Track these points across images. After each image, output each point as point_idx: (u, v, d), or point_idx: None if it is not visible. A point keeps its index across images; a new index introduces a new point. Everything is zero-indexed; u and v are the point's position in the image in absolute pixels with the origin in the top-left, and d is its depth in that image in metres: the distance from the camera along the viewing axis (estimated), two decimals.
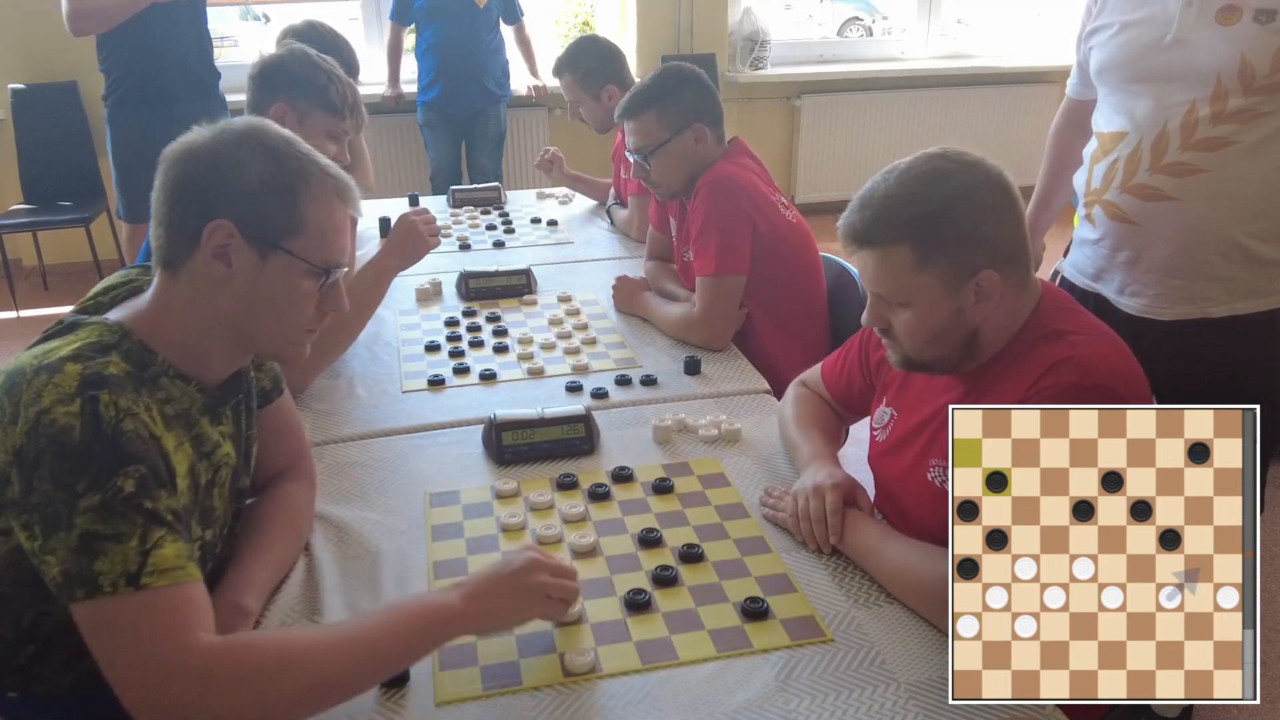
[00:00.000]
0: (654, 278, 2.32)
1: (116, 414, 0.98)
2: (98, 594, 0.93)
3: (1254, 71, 1.55)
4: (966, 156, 1.24)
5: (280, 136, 1.14)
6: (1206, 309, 1.67)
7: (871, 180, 1.26)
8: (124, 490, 0.96)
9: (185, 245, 1.10)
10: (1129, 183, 1.69)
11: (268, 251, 1.11)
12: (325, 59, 1.94)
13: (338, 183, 1.16)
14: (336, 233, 1.16)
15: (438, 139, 4.43)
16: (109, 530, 0.95)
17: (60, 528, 0.94)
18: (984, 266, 1.20)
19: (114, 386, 1.00)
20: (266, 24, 5.83)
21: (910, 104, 5.39)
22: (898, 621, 1.21)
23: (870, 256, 1.24)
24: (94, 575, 0.94)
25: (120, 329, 1.09)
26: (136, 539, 0.95)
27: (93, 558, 0.94)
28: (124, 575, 0.94)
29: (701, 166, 2.10)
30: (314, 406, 1.79)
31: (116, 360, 1.05)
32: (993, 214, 1.21)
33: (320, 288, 1.16)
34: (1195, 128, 1.60)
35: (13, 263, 4.49)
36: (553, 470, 1.57)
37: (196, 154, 1.11)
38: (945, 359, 1.27)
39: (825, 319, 2.22)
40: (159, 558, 0.96)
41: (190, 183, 1.10)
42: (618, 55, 2.87)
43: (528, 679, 1.12)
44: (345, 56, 2.72)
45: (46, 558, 0.95)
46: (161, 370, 1.10)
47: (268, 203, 1.10)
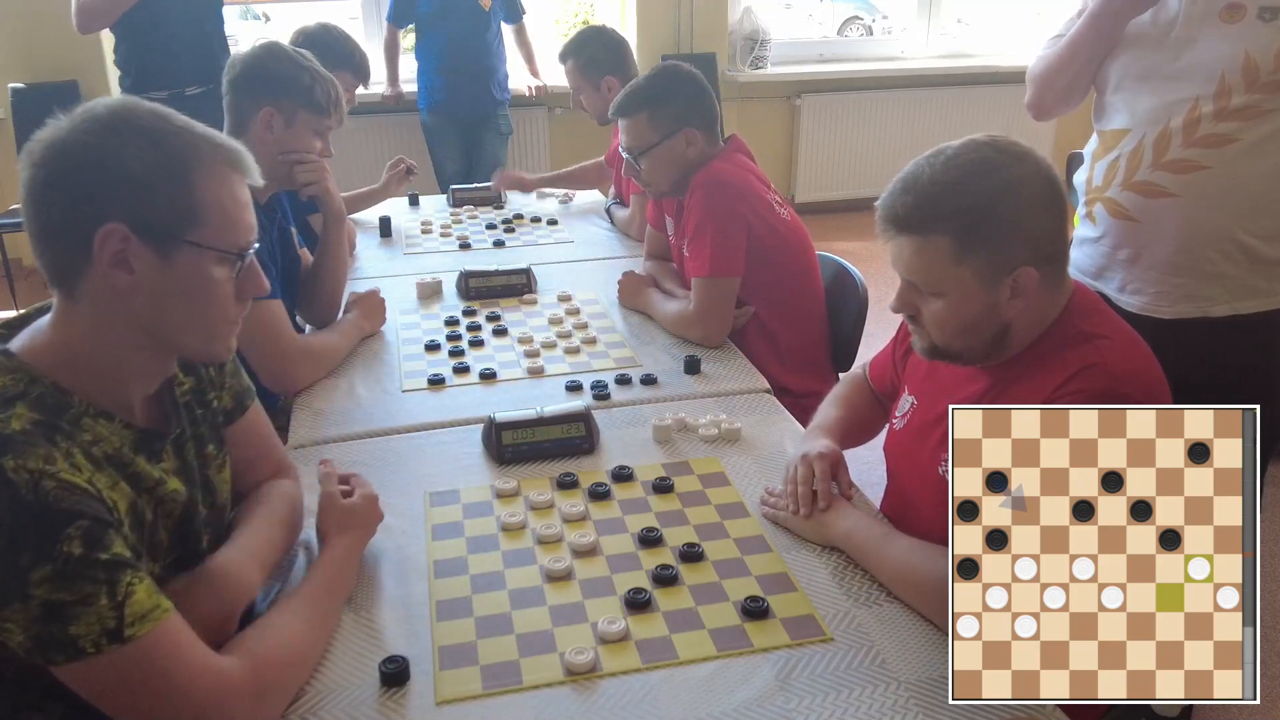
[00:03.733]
0: (653, 276, 2.32)
1: (31, 478, 0.89)
2: (81, 656, 0.89)
3: (1258, 69, 1.55)
4: (1016, 147, 1.19)
5: (152, 113, 1.01)
6: (1207, 308, 1.67)
7: (914, 163, 1.22)
8: (73, 553, 0.89)
9: (75, 260, 0.98)
10: (1130, 180, 1.69)
11: (169, 247, 0.99)
12: (303, 54, 1.91)
13: (228, 152, 1.04)
14: (239, 208, 1.05)
15: (445, 141, 4.42)
16: (72, 596, 0.89)
17: (15, 600, 0.88)
18: (1024, 263, 1.17)
19: (18, 450, 0.90)
20: (266, 23, 5.83)
21: (910, 103, 5.39)
22: (898, 621, 1.21)
23: (909, 244, 1.20)
24: (71, 639, 0.89)
25: (26, 373, 0.97)
26: (104, 596, 0.90)
27: (64, 623, 0.88)
28: (104, 634, 0.90)
29: (694, 168, 2.10)
30: (314, 406, 1.79)
31: (22, 411, 0.94)
32: (1039, 210, 1.18)
33: (236, 273, 1.06)
34: (1198, 125, 1.60)
35: (13, 262, 4.49)
36: (553, 469, 1.57)
37: (65, 151, 0.97)
38: (973, 350, 1.25)
39: (823, 317, 2.22)
40: (134, 605, 0.91)
41: (64, 186, 0.97)
42: (622, 47, 2.88)
43: (528, 679, 1.12)
44: (358, 60, 2.72)
45: (7, 626, 0.88)
46: (81, 411, 0.99)
47: (156, 193, 0.98)
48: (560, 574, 1.29)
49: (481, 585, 1.28)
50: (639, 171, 2.15)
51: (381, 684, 1.11)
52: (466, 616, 1.22)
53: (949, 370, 1.35)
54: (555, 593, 1.27)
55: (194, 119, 1.05)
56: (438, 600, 1.26)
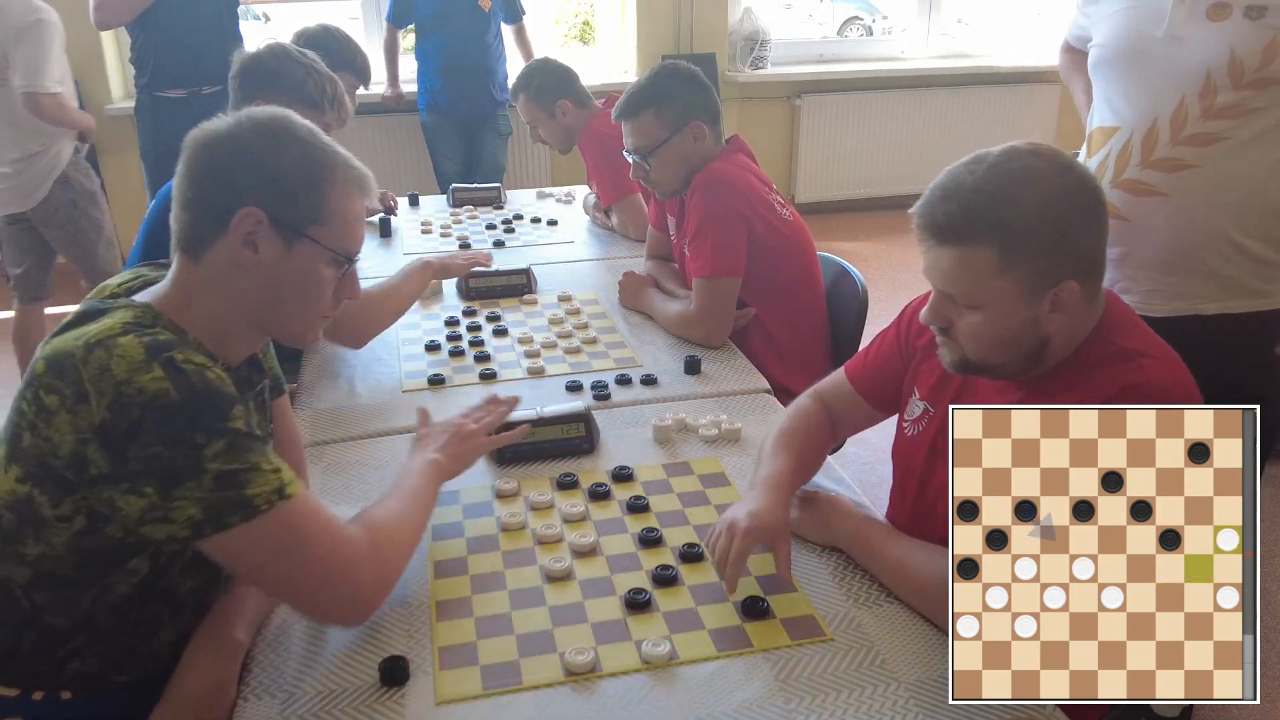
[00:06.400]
0: (654, 276, 2.32)
1: (196, 366, 1.02)
2: (255, 515, 1.02)
3: (1243, 66, 1.55)
4: (1061, 157, 1.15)
5: (305, 127, 1.17)
6: (1198, 306, 1.67)
7: (951, 171, 1.16)
8: (239, 427, 1.03)
9: (211, 230, 1.12)
10: (1119, 178, 1.69)
11: (293, 239, 1.13)
12: (305, 53, 1.91)
13: (358, 174, 1.19)
14: (356, 222, 1.19)
15: (446, 142, 4.42)
16: (243, 464, 1.02)
17: (186, 479, 0.99)
18: (1067, 277, 1.12)
19: (179, 347, 1.04)
20: (266, 23, 5.83)
21: (910, 104, 5.39)
22: (898, 621, 1.21)
23: (949, 255, 1.14)
24: (248, 500, 1.02)
25: (150, 310, 1.11)
26: (266, 460, 1.05)
27: (240, 488, 1.02)
28: (275, 491, 1.04)
29: (701, 163, 2.10)
30: (314, 406, 1.79)
31: (162, 331, 1.07)
32: (1085, 223, 1.14)
33: (339, 275, 1.19)
34: (1185, 123, 1.60)
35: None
36: (553, 469, 1.57)
37: (225, 141, 1.13)
38: (1008, 365, 1.19)
39: (824, 317, 2.22)
40: (286, 472, 1.07)
41: (219, 169, 1.12)
42: (569, 73, 2.95)
43: (528, 679, 1.12)
44: (359, 62, 2.72)
45: (173, 508, 1.00)
46: (194, 347, 1.11)
47: (296, 192, 1.13)
48: (560, 574, 1.29)
49: (481, 585, 1.28)
50: (648, 172, 2.15)
51: (381, 684, 1.11)
52: (466, 616, 1.22)
53: (977, 381, 1.28)
54: (555, 593, 1.27)
55: (210, 117, 1.15)
56: (438, 600, 1.26)
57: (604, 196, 2.84)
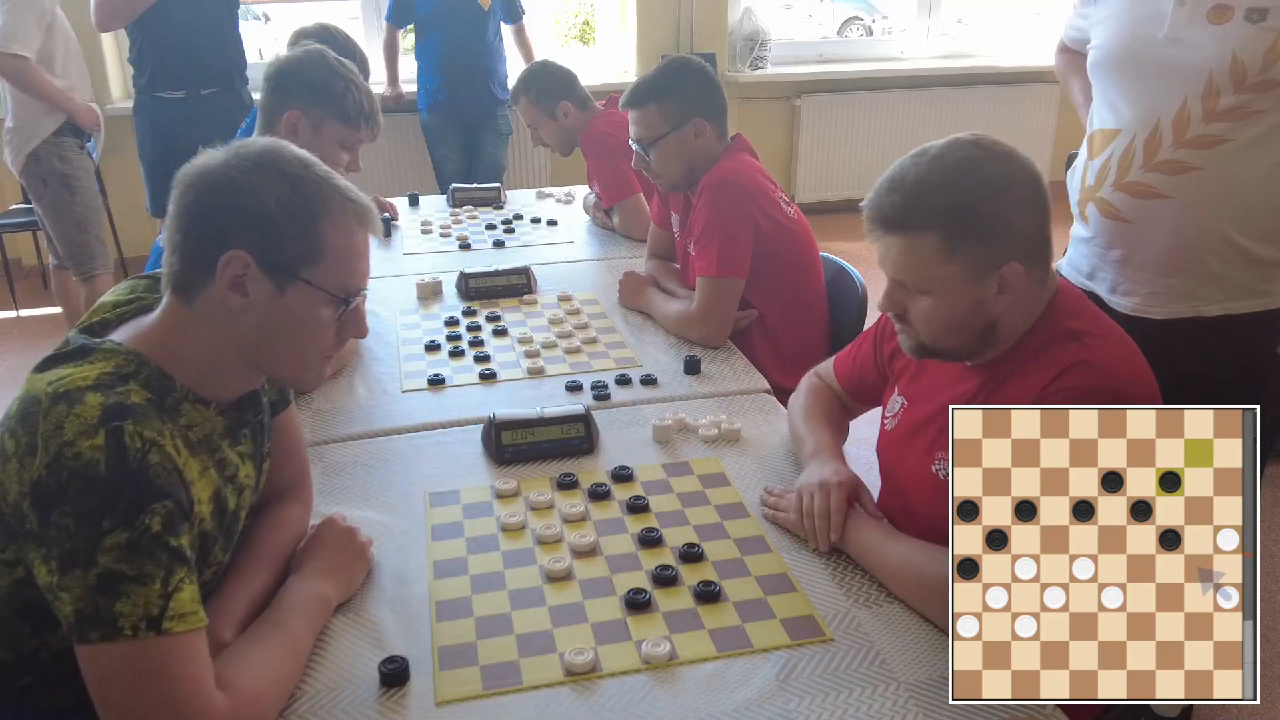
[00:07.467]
0: (654, 275, 2.32)
1: (142, 446, 0.95)
2: (116, 636, 0.91)
3: (1245, 69, 1.55)
4: (1000, 146, 1.21)
5: (297, 160, 1.10)
6: (1200, 308, 1.67)
7: (899, 163, 1.23)
8: (151, 528, 0.94)
9: (200, 274, 1.07)
10: (1122, 180, 1.69)
11: (285, 281, 1.08)
12: (344, 63, 1.91)
13: (357, 207, 1.12)
14: (356, 258, 1.13)
15: (446, 142, 4.42)
16: (133, 570, 0.92)
17: (78, 565, 0.92)
18: (1011, 259, 1.18)
19: (137, 417, 0.97)
20: (266, 23, 5.83)
21: (910, 104, 5.39)
22: (898, 621, 1.21)
23: (896, 243, 1.21)
24: (114, 617, 0.91)
25: (136, 356, 1.05)
26: (160, 581, 0.93)
27: (113, 599, 0.92)
28: (145, 619, 0.92)
29: (702, 160, 2.11)
30: (314, 406, 1.79)
31: (137, 388, 1.01)
32: (1025, 207, 1.19)
33: (339, 316, 1.13)
34: (1188, 125, 1.60)
35: (13, 262, 4.49)
36: (552, 470, 1.57)
37: (211, 180, 1.07)
38: (960, 348, 1.27)
39: (825, 316, 2.22)
40: (179, 601, 0.95)
41: (205, 211, 1.06)
42: (570, 75, 2.96)
43: (528, 679, 1.12)
44: (358, 63, 2.71)
45: (61, 594, 0.93)
46: (182, 396, 1.07)
47: (285, 231, 1.07)
48: (560, 574, 1.29)
49: (481, 585, 1.28)
50: (649, 163, 2.16)
51: (381, 684, 1.11)
52: (466, 617, 1.22)
53: (938, 370, 1.36)
54: (555, 593, 1.27)
55: (208, 119, 1.12)
56: (438, 600, 1.26)
57: (605, 197, 2.84)
